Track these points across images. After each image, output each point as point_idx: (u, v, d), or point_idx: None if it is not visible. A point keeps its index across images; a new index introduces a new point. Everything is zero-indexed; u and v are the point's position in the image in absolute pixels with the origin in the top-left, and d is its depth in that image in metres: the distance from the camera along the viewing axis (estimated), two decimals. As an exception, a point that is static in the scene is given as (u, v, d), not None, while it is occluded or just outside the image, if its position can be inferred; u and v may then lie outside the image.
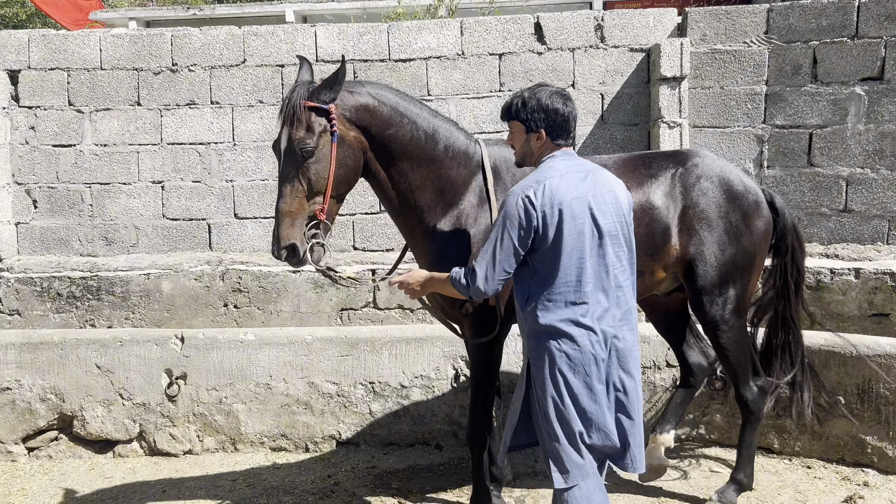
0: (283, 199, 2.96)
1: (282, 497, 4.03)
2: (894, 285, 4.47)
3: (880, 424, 4.01)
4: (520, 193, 2.62)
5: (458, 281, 2.73)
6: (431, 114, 3.23)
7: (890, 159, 4.70)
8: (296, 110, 2.93)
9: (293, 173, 2.95)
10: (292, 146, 2.92)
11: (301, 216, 2.96)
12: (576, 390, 2.60)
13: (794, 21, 4.87)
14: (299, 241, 2.95)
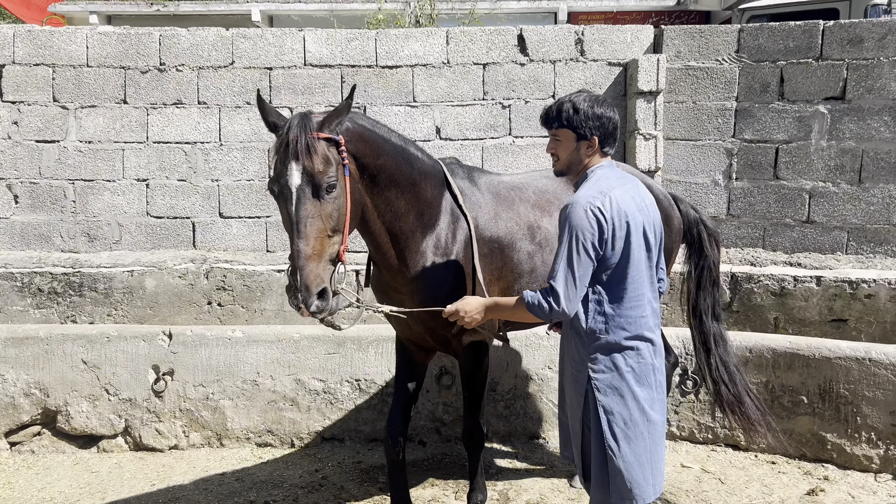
0: (306, 241, 2.63)
1: (271, 490, 4.13)
2: (852, 293, 4.76)
3: (840, 422, 4.28)
4: (587, 205, 2.54)
5: (536, 305, 2.58)
6: (399, 137, 3.16)
7: (850, 174, 5.00)
8: (310, 142, 2.69)
9: (311, 211, 2.67)
10: (313, 181, 2.67)
11: (326, 258, 2.69)
12: (642, 402, 2.63)
13: (764, 41, 5.14)
14: (330, 286, 2.69)
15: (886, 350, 4.19)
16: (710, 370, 3.91)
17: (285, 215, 2.73)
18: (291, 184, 2.67)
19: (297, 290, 2.61)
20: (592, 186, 2.62)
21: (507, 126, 5.46)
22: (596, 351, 2.63)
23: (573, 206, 2.55)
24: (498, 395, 4.73)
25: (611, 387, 2.62)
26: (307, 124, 2.72)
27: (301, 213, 2.66)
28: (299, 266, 2.63)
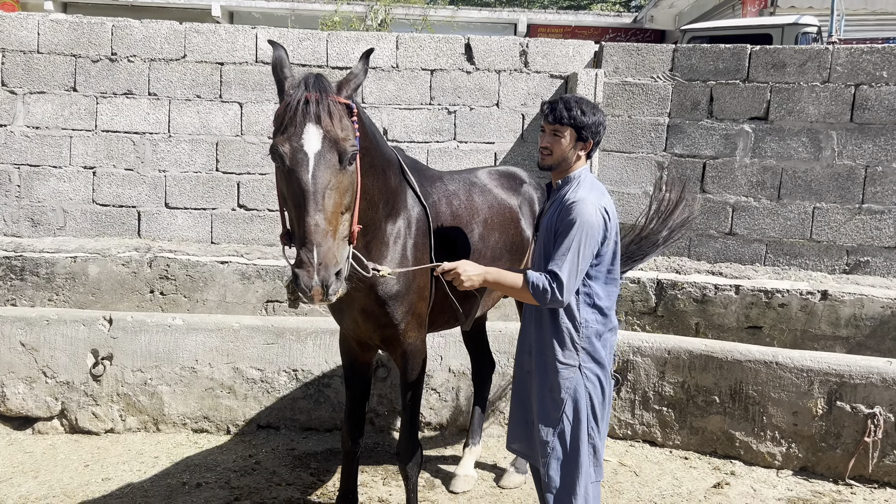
0: (323, 215, 2.38)
1: (204, 473, 4.24)
2: (767, 301, 5.07)
3: (748, 421, 4.57)
4: (596, 203, 2.71)
5: (540, 289, 2.70)
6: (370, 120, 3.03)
7: (770, 190, 5.32)
8: (332, 106, 2.45)
9: (331, 182, 2.42)
10: (336, 147, 2.45)
11: (339, 235, 2.46)
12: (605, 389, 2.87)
13: (696, 62, 5.44)
14: (346, 266, 2.48)
15: (791, 354, 4.49)
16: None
17: (296, 185, 2.40)
18: (310, 149, 2.40)
19: (311, 269, 2.32)
20: (592, 189, 2.81)
21: (453, 131, 5.66)
22: (588, 341, 2.83)
23: (583, 204, 2.70)
24: (432, 388, 4.91)
25: (595, 375, 2.85)
26: (326, 85, 2.49)
27: (320, 183, 2.39)
28: (317, 243, 2.34)
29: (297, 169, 2.40)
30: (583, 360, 2.84)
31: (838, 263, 5.19)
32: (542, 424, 2.90)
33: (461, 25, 21.69)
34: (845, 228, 5.15)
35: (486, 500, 4.06)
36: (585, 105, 2.83)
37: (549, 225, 2.86)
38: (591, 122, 2.81)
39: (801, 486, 4.31)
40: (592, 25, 21.74)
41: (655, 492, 4.20)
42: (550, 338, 2.86)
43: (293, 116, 2.42)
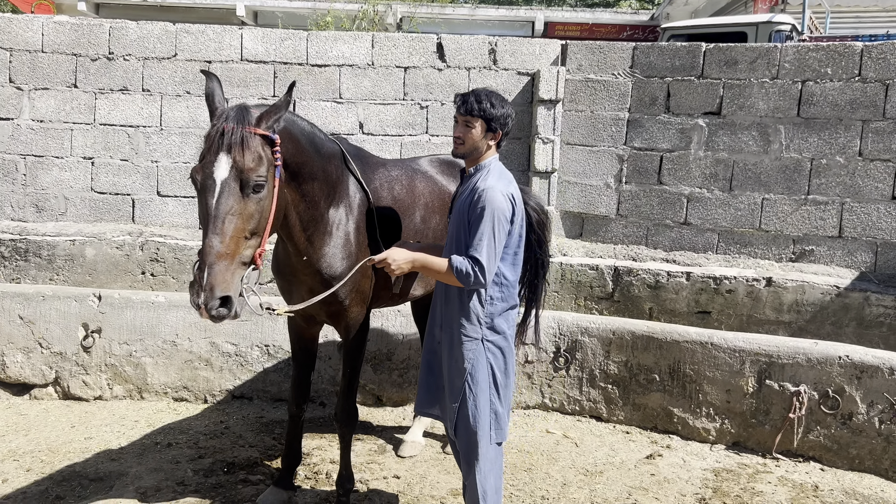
0: (220, 238, 2.56)
1: (177, 436, 4.65)
2: (716, 287, 5.33)
3: (685, 399, 4.85)
4: (504, 192, 2.98)
5: (463, 272, 2.96)
6: (308, 125, 3.23)
7: (722, 182, 5.57)
8: (244, 137, 2.65)
9: (233, 208, 2.61)
10: (241, 177, 2.64)
11: (237, 259, 2.62)
12: (507, 361, 3.18)
13: (654, 59, 5.70)
14: (235, 293, 2.59)
15: (726, 336, 4.76)
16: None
17: (203, 207, 2.64)
18: (217, 175, 2.61)
19: (199, 289, 2.50)
20: (500, 177, 3.08)
21: (425, 125, 6.01)
22: (490, 317, 3.13)
23: (492, 192, 2.97)
24: (393, 364, 5.27)
25: (498, 347, 3.16)
26: (245, 117, 2.68)
27: (221, 209, 2.59)
28: (208, 263, 2.53)
29: (205, 193, 2.63)
30: (485, 333, 3.15)
31: (785, 252, 5.43)
32: (450, 392, 3.23)
33: (479, 24, 22.00)
34: (792, 219, 5.38)
35: (429, 463, 4.41)
36: (495, 98, 3.11)
37: (461, 209, 3.14)
38: (499, 114, 3.10)
39: (730, 459, 4.58)
40: (610, 23, 21.87)
41: (590, 460, 4.51)
42: (457, 313, 3.17)
43: (210, 146, 2.66)
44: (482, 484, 3.19)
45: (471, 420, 3.17)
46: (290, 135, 2.94)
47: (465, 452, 3.22)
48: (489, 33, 21.59)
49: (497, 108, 3.10)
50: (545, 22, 21.57)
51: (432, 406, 3.40)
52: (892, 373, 4.30)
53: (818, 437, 4.50)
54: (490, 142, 3.15)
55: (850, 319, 5.03)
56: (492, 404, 3.16)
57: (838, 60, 5.21)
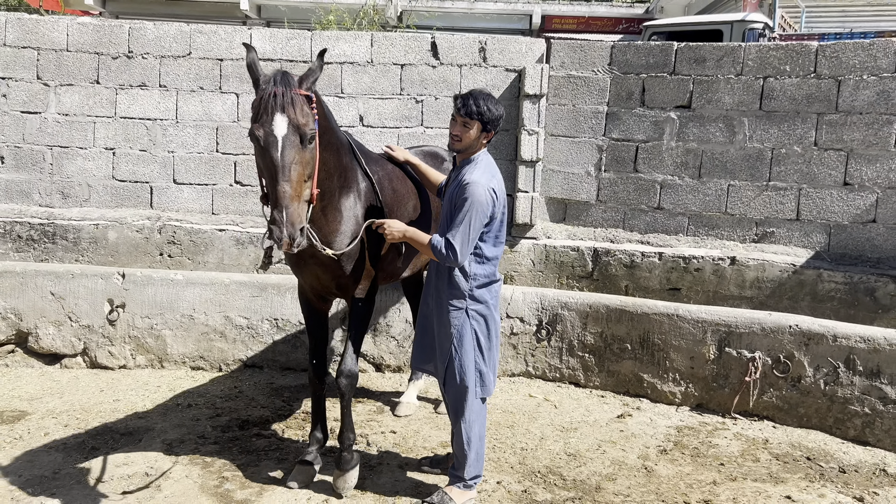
0: (289, 184, 3.05)
1: (195, 398, 5.18)
2: (685, 266, 5.84)
3: (654, 365, 5.36)
4: (486, 185, 3.44)
5: (437, 249, 3.46)
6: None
7: (692, 170, 6.06)
8: (294, 98, 3.09)
9: (295, 158, 3.09)
10: (299, 132, 3.10)
11: (302, 200, 3.14)
12: (490, 327, 3.69)
13: (630, 57, 6.19)
14: (307, 225, 3.14)
15: (690, 308, 5.27)
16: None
17: (268, 161, 3.09)
18: (278, 132, 3.06)
19: (281, 225, 3.01)
20: (485, 172, 3.53)
21: (420, 118, 6.50)
22: (474, 289, 3.63)
23: (476, 186, 3.43)
24: (391, 335, 5.79)
25: (481, 314, 3.68)
26: (290, 80, 3.13)
27: (287, 159, 3.06)
28: (285, 205, 3.03)
29: (269, 149, 3.09)
30: (469, 304, 3.66)
31: (749, 234, 5.93)
32: (440, 353, 3.76)
33: (478, 17, 22.46)
34: (755, 203, 5.88)
35: (422, 421, 4.93)
36: (491, 102, 3.56)
37: (450, 196, 3.65)
38: (494, 116, 3.58)
39: (693, 419, 5.10)
40: (606, 16, 22.33)
41: (567, 419, 5.03)
42: (446, 286, 3.69)
43: (265, 107, 3.09)
44: (467, 431, 3.72)
45: (457, 377, 3.69)
46: (318, 99, 3.39)
47: (453, 404, 3.75)
48: (487, 27, 22.07)
49: (493, 112, 3.56)
50: (542, 15, 22.02)
51: (426, 363, 3.93)
52: (836, 339, 4.81)
53: (771, 398, 5.02)
54: (483, 140, 3.64)
55: (805, 294, 5.54)
56: (476, 364, 3.69)
57: (796, 58, 5.70)
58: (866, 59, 5.53)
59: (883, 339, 4.70)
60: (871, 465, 4.47)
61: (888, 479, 4.29)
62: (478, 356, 3.69)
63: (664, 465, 4.36)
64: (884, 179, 5.54)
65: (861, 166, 5.59)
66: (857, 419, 4.77)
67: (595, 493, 4.00)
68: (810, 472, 4.33)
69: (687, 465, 4.37)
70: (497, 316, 3.79)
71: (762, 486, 4.12)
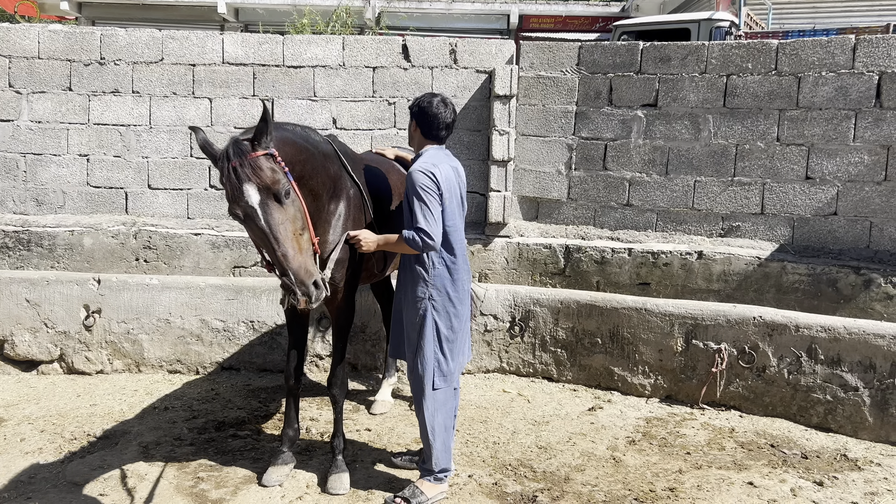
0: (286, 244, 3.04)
1: (172, 401, 5.23)
2: (654, 261, 5.96)
3: (624, 359, 5.47)
4: (422, 168, 3.58)
5: (409, 238, 3.55)
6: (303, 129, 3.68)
7: (659, 167, 6.18)
8: (253, 164, 3.03)
9: (280, 218, 3.06)
10: (271, 191, 3.06)
11: (305, 253, 3.13)
12: (452, 320, 3.77)
13: (598, 57, 6.30)
14: (318, 276, 3.13)
15: (657, 302, 5.39)
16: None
17: (257, 231, 3.08)
18: (253, 203, 3.03)
19: (295, 287, 3.03)
20: (424, 160, 3.70)
21: (393, 119, 6.58)
22: (435, 280, 3.73)
23: (414, 172, 3.60)
24: (367, 336, 5.87)
25: (444, 307, 3.77)
26: (242, 148, 3.07)
27: (272, 223, 3.04)
28: (290, 267, 3.03)
29: (253, 220, 3.07)
30: (431, 294, 3.76)
31: (715, 228, 6.05)
32: (407, 343, 3.85)
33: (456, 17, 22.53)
34: (720, 198, 6.01)
35: (397, 419, 5.01)
36: (426, 99, 3.77)
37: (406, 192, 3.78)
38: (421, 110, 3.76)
39: (662, 410, 5.22)
40: (582, 15, 22.46)
41: (539, 413, 5.13)
42: (410, 280, 3.81)
43: (231, 183, 3.07)
44: (430, 421, 3.81)
45: (419, 366, 3.79)
46: (286, 142, 3.36)
47: (415, 393, 3.85)
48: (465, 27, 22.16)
49: (422, 106, 3.77)
50: (520, 15, 22.12)
51: (396, 354, 4.05)
52: (798, 329, 4.95)
53: (737, 389, 5.14)
54: (415, 135, 3.85)
55: (770, 286, 5.68)
56: (436, 355, 3.78)
57: (757, 56, 5.84)
58: (825, 55, 5.67)
59: (843, 329, 4.83)
60: (832, 450, 4.61)
61: (848, 464, 4.42)
62: (436, 346, 3.78)
63: (632, 456, 4.47)
64: (843, 173, 5.68)
65: (822, 161, 5.73)
66: (819, 407, 4.90)
67: (564, 484, 4.10)
68: (773, 459, 4.45)
69: (654, 455, 4.48)
70: (465, 310, 3.88)
71: (726, 474, 4.24)
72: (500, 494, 3.97)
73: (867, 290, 5.42)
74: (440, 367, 3.80)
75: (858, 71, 5.60)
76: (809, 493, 4.04)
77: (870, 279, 5.41)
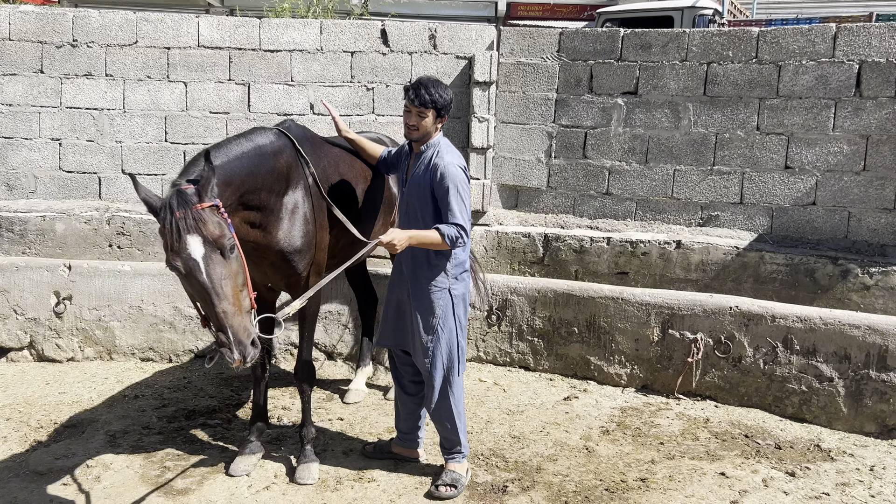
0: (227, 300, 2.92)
1: (143, 389, 5.16)
2: (632, 251, 5.92)
3: (601, 348, 5.44)
4: (459, 164, 3.65)
5: (452, 237, 3.56)
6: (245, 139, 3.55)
7: (639, 156, 6.13)
8: (198, 216, 2.91)
9: (223, 273, 2.94)
10: (216, 245, 2.95)
11: (243, 309, 3.00)
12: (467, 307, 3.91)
13: (578, 44, 6.23)
14: (255, 334, 3.03)
15: (634, 291, 5.35)
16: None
17: (196, 286, 2.93)
18: (196, 256, 2.90)
19: (231, 347, 2.92)
20: (450, 152, 3.70)
21: (371, 105, 6.49)
22: (456, 269, 3.78)
23: (452, 167, 3.59)
24: (342, 323, 5.80)
25: (460, 294, 3.83)
26: (188, 199, 2.93)
27: (214, 278, 2.91)
28: (229, 325, 2.91)
29: (194, 274, 2.92)
30: (451, 283, 3.79)
31: (694, 217, 6.02)
32: (424, 333, 3.79)
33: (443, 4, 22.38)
34: (700, 187, 5.97)
35: (370, 408, 4.96)
36: (441, 88, 3.67)
37: (420, 182, 3.72)
38: (447, 102, 3.71)
39: (637, 400, 5.19)
40: (571, 3, 22.33)
41: (514, 402, 5.09)
42: (426, 269, 3.77)
43: (173, 235, 2.92)
44: (457, 405, 3.88)
45: (444, 356, 3.81)
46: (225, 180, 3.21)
47: (441, 382, 3.83)
48: (453, 14, 21.98)
49: (444, 98, 3.70)
50: (508, 3, 21.99)
51: (400, 344, 3.98)
52: (774, 319, 4.92)
53: (713, 379, 5.12)
54: (438, 125, 3.76)
55: (748, 276, 5.65)
56: (458, 341, 3.84)
57: (738, 44, 5.78)
58: (805, 44, 5.62)
59: (819, 319, 4.81)
60: (806, 440, 4.59)
61: (821, 454, 4.41)
62: (460, 332, 3.85)
63: (605, 446, 4.44)
64: (823, 163, 5.65)
65: (801, 150, 5.70)
66: (794, 397, 4.89)
67: (535, 474, 4.06)
68: (747, 449, 4.43)
69: (627, 445, 4.45)
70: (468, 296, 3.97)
71: (699, 464, 4.22)
72: (470, 485, 3.93)
73: (844, 281, 5.40)
74: (461, 353, 3.86)
75: (839, 60, 5.56)
76: (781, 483, 4.02)
77: (847, 269, 5.39)
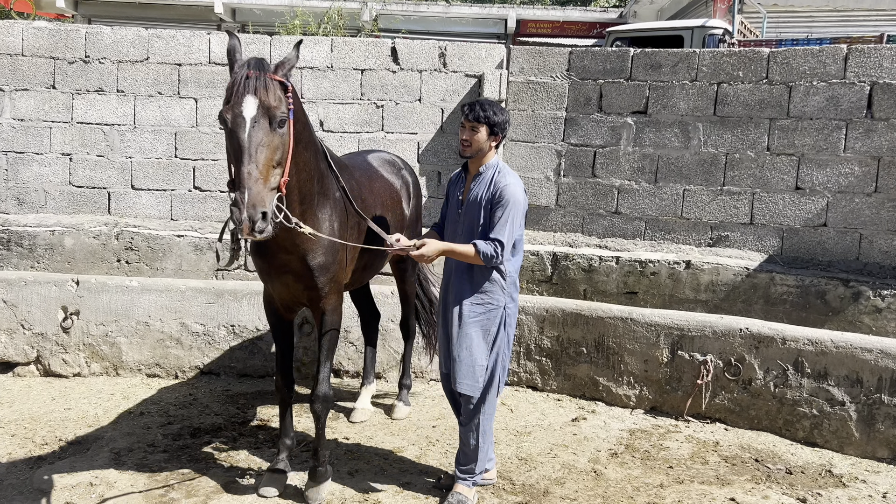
0: (255, 165, 2.97)
1: (149, 406, 5.14)
2: (641, 270, 5.88)
3: (609, 369, 5.39)
4: (520, 186, 3.65)
5: (489, 254, 3.56)
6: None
7: (648, 175, 6.11)
8: (267, 82, 3.05)
9: (263, 140, 3.02)
10: (268, 113, 3.04)
11: (269, 184, 3.04)
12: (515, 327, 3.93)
13: (588, 63, 6.23)
14: (270, 209, 3.02)
15: (643, 312, 5.31)
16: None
17: (235, 142, 3.01)
18: (246, 114, 3.01)
19: (243, 206, 2.92)
20: (511, 174, 3.70)
21: (381, 123, 6.50)
22: (510, 287, 3.75)
23: (513, 187, 3.61)
24: (349, 342, 5.78)
25: (513, 313, 3.83)
26: (265, 65, 3.13)
27: (254, 141, 3.00)
28: (248, 186, 2.94)
29: (237, 130, 3.03)
30: (507, 301, 3.78)
31: (704, 238, 5.98)
32: (477, 354, 3.74)
33: (454, 21, 22.49)
34: (709, 207, 5.94)
35: (376, 427, 4.92)
36: (497, 107, 3.72)
37: (478, 201, 3.71)
38: (500, 120, 3.73)
39: (646, 421, 5.14)
40: (580, 21, 22.44)
41: (522, 423, 5.04)
42: (478, 286, 3.73)
43: (236, 90, 3.07)
44: (486, 424, 3.86)
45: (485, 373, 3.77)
46: (296, 95, 3.35)
47: (471, 398, 3.79)
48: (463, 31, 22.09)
49: (498, 116, 3.72)
50: (517, 20, 22.09)
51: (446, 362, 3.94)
52: (785, 342, 4.87)
53: (723, 401, 5.06)
54: (492, 143, 3.74)
55: (758, 297, 5.60)
56: (503, 362, 3.84)
57: (748, 65, 5.77)
58: (816, 65, 5.60)
59: (830, 342, 4.76)
60: (817, 465, 4.53)
61: (833, 480, 4.34)
62: (508, 354, 3.87)
63: (613, 469, 4.39)
64: (834, 184, 5.62)
65: (812, 171, 5.66)
66: (805, 421, 4.83)
67: (542, 498, 4.01)
68: (757, 474, 4.37)
69: (636, 469, 4.40)
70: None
71: (708, 489, 4.16)
72: (476, 507, 3.89)
73: (856, 303, 5.35)
74: (505, 374, 3.86)
75: (850, 81, 5.53)
76: (792, 510, 3.96)
77: (859, 291, 5.34)
